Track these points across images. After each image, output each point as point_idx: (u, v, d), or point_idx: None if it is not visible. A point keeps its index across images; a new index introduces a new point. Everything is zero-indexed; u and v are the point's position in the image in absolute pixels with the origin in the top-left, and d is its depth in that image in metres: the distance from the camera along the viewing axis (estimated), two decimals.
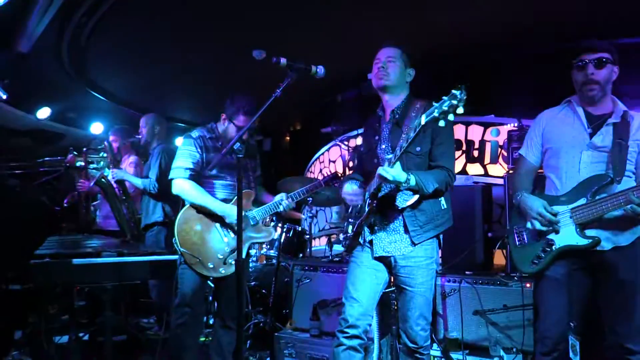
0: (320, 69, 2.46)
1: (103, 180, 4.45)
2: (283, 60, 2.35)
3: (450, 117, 2.05)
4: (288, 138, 9.30)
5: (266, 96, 2.33)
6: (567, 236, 2.41)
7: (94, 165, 5.10)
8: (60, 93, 6.44)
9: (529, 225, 2.52)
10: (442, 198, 2.60)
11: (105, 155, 4.99)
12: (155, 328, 4.66)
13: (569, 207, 2.42)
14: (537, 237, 2.52)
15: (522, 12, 4.45)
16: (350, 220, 2.76)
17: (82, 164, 5.02)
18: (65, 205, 5.37)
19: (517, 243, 2.62)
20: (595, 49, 2.43)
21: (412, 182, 2.36)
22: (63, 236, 4.26)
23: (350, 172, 3.07)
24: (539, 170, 2.74)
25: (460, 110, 2.02)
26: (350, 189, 2.64)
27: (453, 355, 3.46)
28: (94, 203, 5.17)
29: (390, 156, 2.37)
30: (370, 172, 2.68)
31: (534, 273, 2.54)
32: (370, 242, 2.64)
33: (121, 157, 5.07)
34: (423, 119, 2.16)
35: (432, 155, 2.55)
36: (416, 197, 2.48)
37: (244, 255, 2.52)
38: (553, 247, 2.44)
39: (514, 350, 3.33)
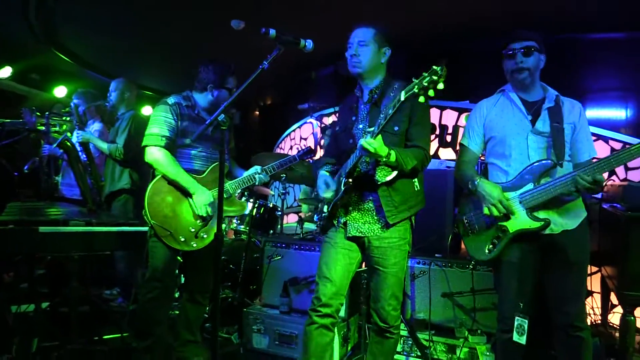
0: (309, 43, 2.40)
1: (67, 142, 4.27)
2: (272, 31, 2.27)
3: (430, 92, 2.08)
4: (257, 113, 9.18)
5: (242, 67, 2.26)
6: (519, 220, 2.49)
7: (57, 129, 4.91)
8: (24, 52, 6.14)
9: (485, 211, 2.55)
10: (416, 179, 2.61)
11: (69, 118, 4.81)
12: (119, 300, 4.56)
13: (517, 193, 2.50)
14: (488, 224, 2.58)
15: (497, 2, 4.48)
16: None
17: (44, 127, 4.84)
18: (25, 170, 5.16)
19: (469, 232, 2.68)
20: (522, 38, 2.54)
21: (393, 157, 2.35)
22: (23, 202, 4.10)
23: (322, 152, 3.03)
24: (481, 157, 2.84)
25: (440, 86, 2.05)
26: (323, 185, 2.66)
27: (420, 335, 3.52)
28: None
29: (371, 129, 2.34)
30: (344, 152, 2.67)
31: (491, 260, 2.60)
32: (345, 223, 2.64)
33: (86, 120, 4.88)
34: (402, 95, 2.16)
35: (408, 135, 2.54)
36: (395, 172, 2.47)
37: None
38: (506, 232, 2.50)
39: (479, 332, 3.41)
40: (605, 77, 4.92)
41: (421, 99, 2.10)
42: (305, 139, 7.08)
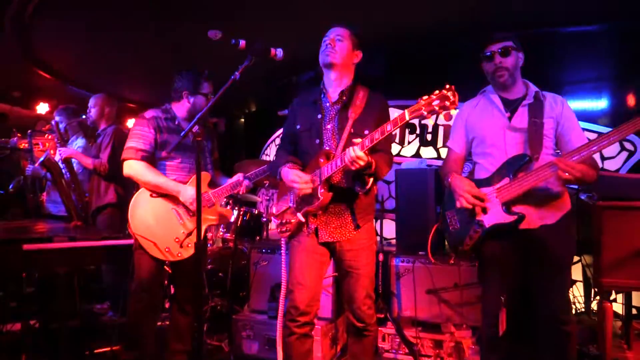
0: (279, 52, 2.45)
1: (49, 159, 4.29)
2: (242, 42, 2.33)
3: (440, 117, 2.09)
4: (243, 120, 9.20)
5: (221, 76, 2.30)
6: (494, 215, 2.53)
7: (39, 147, 4.92)
8: (3, 70, 6.14)
9: (457, 204, 2.61)
10: None
11: (50, 136, 4.81)
12: (110, 313, 4.57)
13: (494, 188, 2.55)
14: (467, 219, 2.62)
15: (477, 2, 4.56)
16: (291, 205, 2.69)
17: (27, 145, 4.85)
18: (10, 189, 5.16)
19: (450, 228, 2.74)
20: (499, 40, 2.61)
21: (373, 167, 2.40)
22: (9, 221, 4.11)
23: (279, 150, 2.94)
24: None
25: (453, 112, 2.09)
26: (296, 177, 2.53)
27: (406, 332, 3.58)
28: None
29: (360, 141, 2.32)
30: (307, 152, 2.65)
31: (468, 252, 2.67)
32: (315, 228, 2.62)
33: (69, 137, 4.89)
34: (406, 115, 2.18)
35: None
36: (371, 180, 2.51)
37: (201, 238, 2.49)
38: (483, 227, 2.55)
39: (464, 326, 3.48)
40: (580, 69, 5.03)
41: (430, 121, 2.13)
42: None
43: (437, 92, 2.12)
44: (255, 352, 3.69)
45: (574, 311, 4.15)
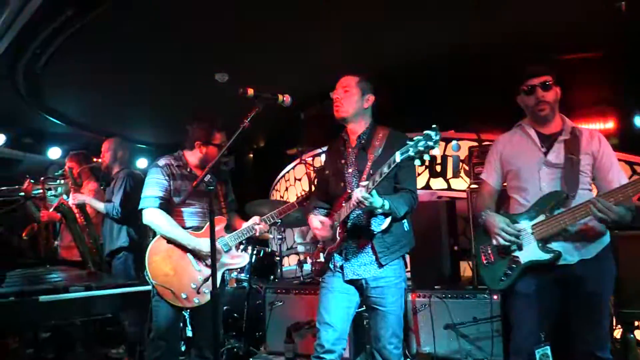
0: (287, 98, 2.51)
1: (63, 205, 4.33)
2: (250, 91, 2.38)
3: (426, 157, 2.13)
4: (251, 155, 9.27)
5: (229, 116, 2.34)
6: (530, 252, 2.50)
7: (52, 193, 4.97)
8: (16, 118, 6.26)
9: (493, 241, 2.60)
10: (405, 220, 2.69)
11: (63, 182, 4.86)
12: (125, 359, 4.54)
13: (530, 224, 2.52)
14: (503, 254, 2.60)
15: (475, 32, 4.62)
16: (319, 246, 2.80)
17: (40, 191, 4.89)
18: (24, 237, 5.20)
19: (485, 262, 2.70)
20: (539, 74, 2.59)
21: (387, 206, 2.43)
22: (24, 269, 4.12)
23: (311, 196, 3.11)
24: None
25: (435, 151, 2.12)
26: (318, 224, 2.69)
27: None
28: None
29: (366, 183, 2.39)
30: (335, 196, 2.76)
31: (504, 289, 2.63)
32: (341, 267, 2.68)
33: (81, 182, 4.95)
34: (398, 157, 2.22)
35: (397, 178, 2.62)
36: (389, 220, 2.54)
37: (218, 283, 2.49)
38: (519, 263, 2.53)
39: None
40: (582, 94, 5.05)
41: (417, 162, 2.17)
42: (300, 179, 7.15)
43: (424, 132, 2.14)
44: None
45: None
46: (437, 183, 5.48)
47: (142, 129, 7.62)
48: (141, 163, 7.69)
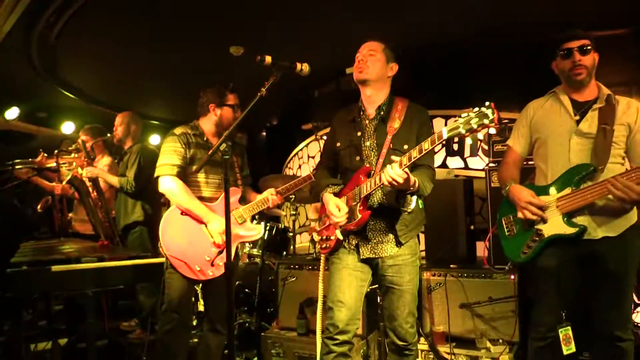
0: (305, 66, 2.42)
1: (77, 179, 4.32)
2: (267, 59, 2.30)
3: (479, 135, 2.03)
4: (264, 133, 9.21)
5: (245, 92, 2.27)
6: (554, 225, 2.44)
7: (66, 166, 4.96)
8: (30, 92, 6.24)
9: (519, 215, 2.53)
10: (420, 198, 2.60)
11: (76, 155, 4.85)
12: (138, 331, 4.56)
13: (555, 197, 2.45)
14: (526, 227, 2.54)
15: (495, 10, 4.48)
16: (331, 222, 2.64)
17: (54, 165, 4.89)
18: (39, 209, 5.22)
19: (507, 233, 2.64)
20: (578, 37, 2.48)
21: (416, 185, 2.33)
22: (38, 241, 4.13)
23: (317, 170, 2.94)
24: (531, 162, 2.76)
25: (492, 131, 2.01)
26: (335, 209, 2.52)
27: (440, 348, 3.48)
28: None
29: (398, 158, 2.24)
30: (348, 170, 2.63)
31: (524, 262, 2.56)
32: (356, 244, 2.59)
33: (94, 156, 4.93)
34: (445, 133, 2.10)
35: None
36: (415, 199, 2.46)
37: (232, 256, 2.44)
38: (542, 236, 2.46)
39: (500, 341, 3.36)
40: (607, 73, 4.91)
41: (468, 140, 2.07)
42: (313, 157, 7.09)
43: (476, 109, 2.03)
44: None
45: None
46: (454, 162, 5.38)
47: (158, 104, 7.58)
48: (154, 139, 7.67)
